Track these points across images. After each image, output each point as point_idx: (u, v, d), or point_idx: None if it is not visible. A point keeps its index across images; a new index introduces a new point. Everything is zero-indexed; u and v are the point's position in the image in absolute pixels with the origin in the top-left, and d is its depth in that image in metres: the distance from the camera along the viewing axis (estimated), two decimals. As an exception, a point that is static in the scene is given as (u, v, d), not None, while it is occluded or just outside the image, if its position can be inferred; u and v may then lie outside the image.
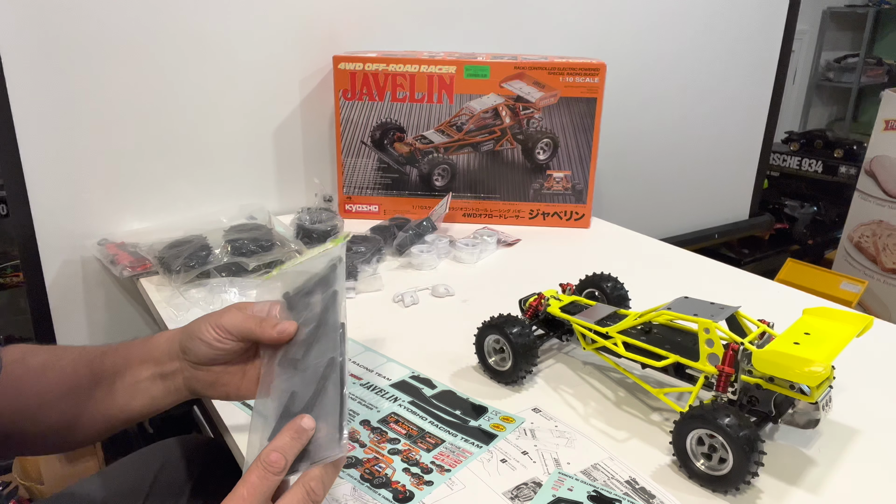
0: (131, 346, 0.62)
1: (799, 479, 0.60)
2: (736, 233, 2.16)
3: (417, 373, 0.77)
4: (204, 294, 0.92)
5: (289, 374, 0.53)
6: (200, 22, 1.12)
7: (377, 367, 0.78)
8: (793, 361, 0.56)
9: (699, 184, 1.98)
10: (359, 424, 0.68)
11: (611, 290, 0.83)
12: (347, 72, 1.20)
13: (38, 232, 1.06)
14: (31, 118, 1.01)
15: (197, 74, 1.15)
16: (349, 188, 1.28)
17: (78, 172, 1.08)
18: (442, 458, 0.62)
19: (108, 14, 1.04)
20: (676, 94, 1.81)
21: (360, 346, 0.83)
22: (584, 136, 1.24)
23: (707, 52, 1.82)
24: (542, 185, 1.28)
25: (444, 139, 1.25)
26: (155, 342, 0.62)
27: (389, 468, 0.61)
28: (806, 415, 0.61)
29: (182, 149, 1.17)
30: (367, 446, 0.64)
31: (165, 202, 1.17)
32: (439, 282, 1.00)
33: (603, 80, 1.20)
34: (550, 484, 0.59)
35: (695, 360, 0.64)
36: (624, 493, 0.58)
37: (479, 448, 0.63)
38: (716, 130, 1.94)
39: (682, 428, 0.59)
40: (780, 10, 1.94)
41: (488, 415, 0.69)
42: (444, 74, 1.20)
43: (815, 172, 3.22)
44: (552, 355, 0.81)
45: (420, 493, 0.58)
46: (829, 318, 0.64)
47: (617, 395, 0.73)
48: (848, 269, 2.43)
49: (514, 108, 1.23)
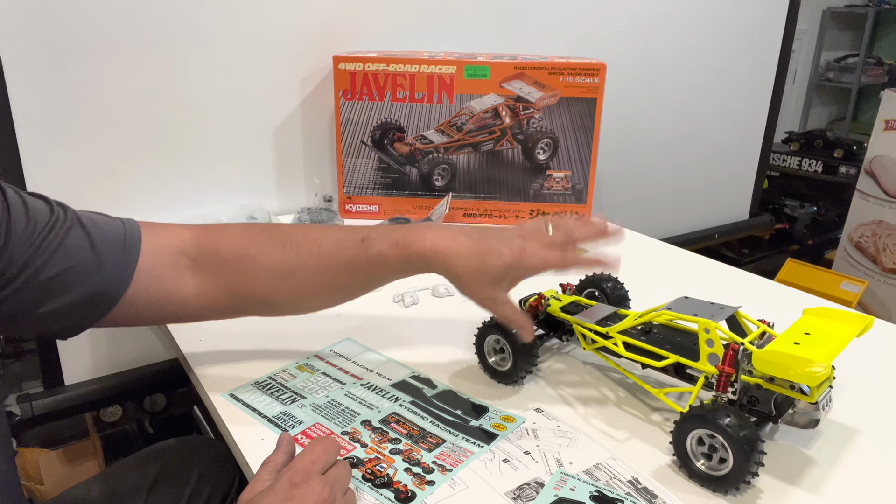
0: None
1: (799, 479, 0.60)
2: (736, 233, 2.16)
3: (418, 373, 0.77)
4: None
5: None
6: (200, 22, 1.12)
7: (377, 368, 0.78)
8: (793, 361, 0.56)
9: (699, 184, 1.98)
10: (360, 424, 0.67)
11: (611, 290, 0.83)
12: (347, 72, 1.20)
13: (39, 232, 1.06)
14: (31, 118, 1.01)
15: (197, 74, 1.15)
16: (349, 188, 1.28)
17: (78, 172, 1.08)
18: (443, 457, 0.62)
19: (109, 14, 1.04)
20: (676, 94, 1.81)
21: (360, 346, 0.83)
22: (584, 136, 1.24)
23: (707, 53, 1.82)
24: (542, 185, 1.28)
25: (444, 139, 1.25)
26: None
27: (391, 468, 0.61)
28: (806, 415, 0.61)
29: (182, 149, 1.17)
30: (369, 446, 0.64)
31: (165, 202, 1.17)
32: (439, 282, 1.00)
33: (603, 80, 1.20)
34: (553, 484, 0.59)
35: (695, 360, 0.64)
36: (626, 493, 0.58)
37: (480, 448, 0.63)
38: (716, 130, 1.94)
39: (683, 428, 0.59)
40: (780, 10, 1.94)
41: (489, 414, 0.69)
42: (444, 74, 1.20)
43: (815, 172, 3.22)
44: (552, 355, 0.81)
45: (422, 492, 0.58)
46: (829, 318, 0.64)
47: (617, 395, 0.73)
48: (848, 269, 2.43)
49: (514, 108, 1.23)
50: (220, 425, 0.68)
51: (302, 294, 0.69)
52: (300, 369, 0.78)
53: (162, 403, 1.50)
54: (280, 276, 0.66)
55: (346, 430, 0.66)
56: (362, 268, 0.66)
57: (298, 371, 0.77)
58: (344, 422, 0.68)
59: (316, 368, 0.78)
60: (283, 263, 0.66)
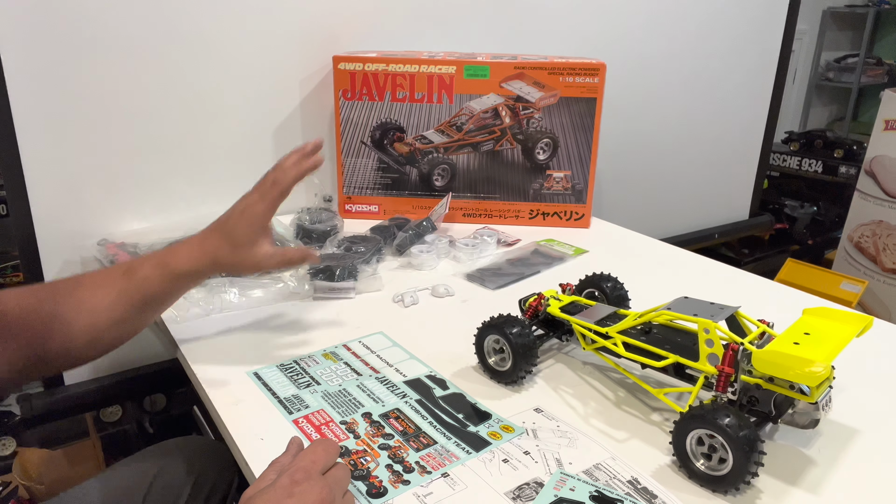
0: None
1: (799, 479, 0.60)
2: (736, 233, 2.15)
3: (435, 373, 0.77)
4: (203, 294, 0.92)
5: None
6: (200, 22, 1.12)
7: (397, 363, 0.79)
8: (793, 361, 0.56)
9: (699, 184, 1.98)
10: (360, 416, 0.68)
11: (611, 290, 0.83)
12: (347, 72, 1.20)
13: (38, 232, 1.06)
14: (31, 118, 1.01)
15: (197, 74, 1.14)
16: (349, 188, 1.28)
17: (78, 172, 1.08)
18: (427, 459, 0.62)
19: (109, 14, 1.04)
20: (676, 93, 1.81)
21: (389, 340, 0.84)
22: (583, 136, 1.24)
23: (707, 52, 1.82)
24: (542, 185, 1.28)
25: (443, 139, 1.25)
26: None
27: (374, 462, 0.61)
28: (806, 415, 0.61)
29: (182, 149, 1.17)
30: (361, 438, 0.65)
31: (165, 202, 1.17)
32: (439, 282, 1.00)
33: (603, 80, 1.20)
34: (552, 484, 0.59)
35: (695, 360, 0.64)
36: (626, 493, 0.58)
37: (467, 454, 0.63)
38: (716, 130, 1.94)
39: (682, 428, 0.59)
40: (780, 10, 1.94)
41: (490, 422, 0.68)
42: (444, 74, 1.20)
43: (815, 172, 3.22)
44: (552, 355, 0.81)
45: (394, 490, 0.58)
46: (829, 318, 0.64)
47: (617, 395, 0.73)
48: (848, 269, 2.43)
49: (513, 108, 1.23)
50: (220, 425, 0.68)
51: (95, 333, 0.70)
52: (325, 357, 0.80)
53: (162, 403, 1.50)
54: (67, 322, 0.68)
55: (346, 420, 0.68)
56: (134, 294, 0.71)
57: (323, 358, 0.80)
58: (346, 411, 0.69)
59: (340, 357, 0.80)
60: (63, 313, 0.68)
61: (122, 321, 0.71)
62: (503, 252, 1.15)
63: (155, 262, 0.72)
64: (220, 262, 0.74)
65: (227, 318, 0.90)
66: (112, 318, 0.70)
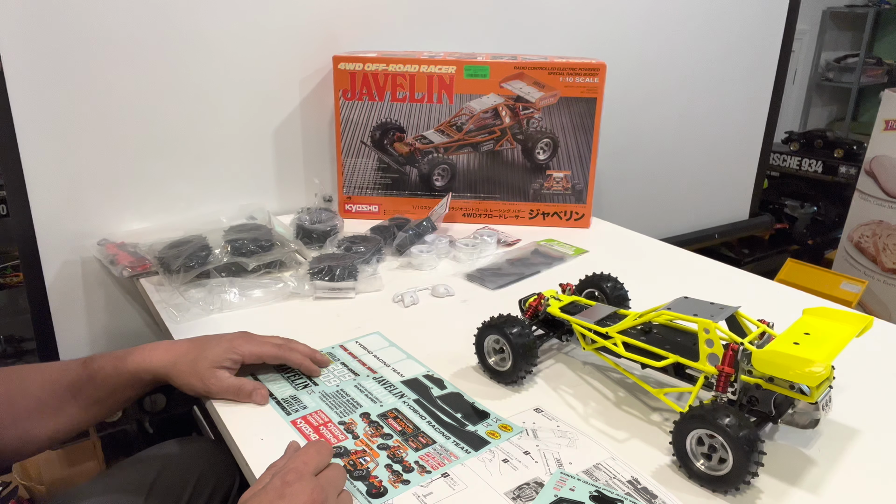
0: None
1: (799, 479, 0.60)
2: (736, 233, 2.15)
3: (432, 372, 0.77)
4: (204, 294, 0.92)
5: None
6: (200, 22, 1.12)
7: (394, 363, 0.79)
8: (793, 361, 0.56)
9: (699, 184, 1.98)
10: (358, 416, 0.68)
11: (611, 290, 0.83)
12: (347, 72, 1.20)
13: (38, 232, 1.06)
14: (31, 118, 1.01)
15: (197, 74, 1.14)
16: (349, 188, 1.28)
17: (78, 172, 1.08)
18: (427, 458, 0.62)
19: (108, 14, 1.04)
20: (676, 93, 1.81)
21: (386, 341, 0.84)
22: (583, 136, 1.24)
23: (707, 52, 1.82)
24: (542, 185, 1.28)
25: (443, 139, 1.25)
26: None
27: (373, 462, 0.61)
28: (806, 415, 0.61)
29: (182, 149, 1.17)
30: (360, 438, 0.65)
31: (165, 202, 1.17)
32: (439, 282, 1.00)
33: (603, 80, 1.20)
34: (552, 484, 0.59)
35: (695, 361, 0.64)
36: (626, 493, 0.58)
37: (467, 453, 0.63)
38: (716, 130, 1.94)
39: (682, 428, 0.59)
40: (780, 10, 1.94)
41: (488, 421, 0.68)
42: (444, 74, 1.20)
43: (815, 172, 3.22)
44: (552, 355, 0.81)
45: (394, 490, 0.58)
46: (829, 318, 0.64)
47: (617, 395, 0.73)
48: (848, 269, 2.43)
49: (513, 108, 1.23)
50: (220, 426, 0.68)
51: (25, 419, 0.70)
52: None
53: (162, 403, 1.50)
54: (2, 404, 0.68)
55: (344, 420, 0.68)
56: (84, 385, 0.71)
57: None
58: (344, 412, 0.69)
59: (337, 357, 0.80)
60: (6, 392, 0.68)
61: (63, 411, 0.71)
62: (503, 252, 1.15)
63: (114, 356, 0.71)
64: (178, 366, 0.71)
65: (227, 318, 0.90)
66: (55, 407, 0.70)
